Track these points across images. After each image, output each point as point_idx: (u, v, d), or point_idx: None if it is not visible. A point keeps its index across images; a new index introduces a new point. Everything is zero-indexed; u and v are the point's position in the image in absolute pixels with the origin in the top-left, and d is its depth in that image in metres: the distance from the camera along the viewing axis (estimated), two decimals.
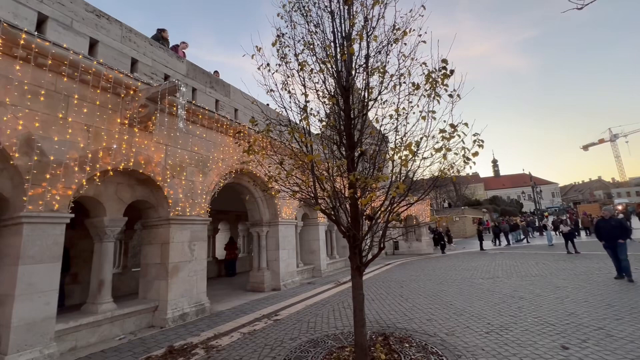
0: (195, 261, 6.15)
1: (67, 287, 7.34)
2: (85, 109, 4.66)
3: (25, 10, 4.24)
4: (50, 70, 4.30)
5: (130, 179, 5.59)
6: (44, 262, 4.10)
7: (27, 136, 4.05)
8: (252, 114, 8.18)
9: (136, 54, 5.62)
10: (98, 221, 5.24)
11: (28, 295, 3.92)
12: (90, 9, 5.02)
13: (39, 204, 4.09)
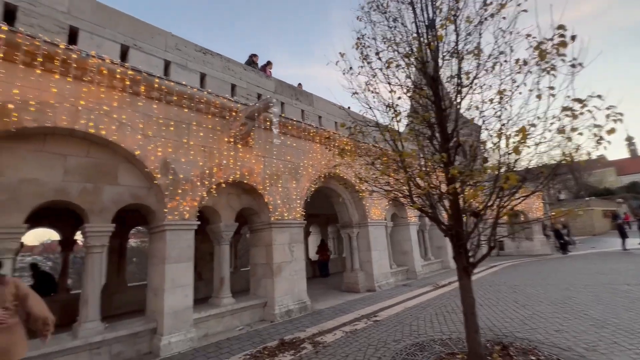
0: (295, 262, 6.63)
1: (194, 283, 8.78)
2: (202, 133, 5.55)
3: (155, 59, 5.31)
4: (175, 104, 5.28)
5: (238, 189, 6.38)
6: (182, 261, 5.01)
7: (164, 160, 5.04)
8: (335, 119, 8.44)
9: (234, 79, 6.43)
10: (216, 227, 6.14)
11: (173, 288, 4.85)
12: (199, 48, 5.97)
13: (175, 214, 5.03)
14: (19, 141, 4.08)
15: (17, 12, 4.03)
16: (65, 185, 4.39)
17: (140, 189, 5.08)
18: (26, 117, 3.90)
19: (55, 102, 4.12)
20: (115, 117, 4.62)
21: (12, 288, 2.56)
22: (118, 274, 8.24)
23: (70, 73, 4.22)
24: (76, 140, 4.52)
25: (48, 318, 2.67)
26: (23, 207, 4.03)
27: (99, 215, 4.63)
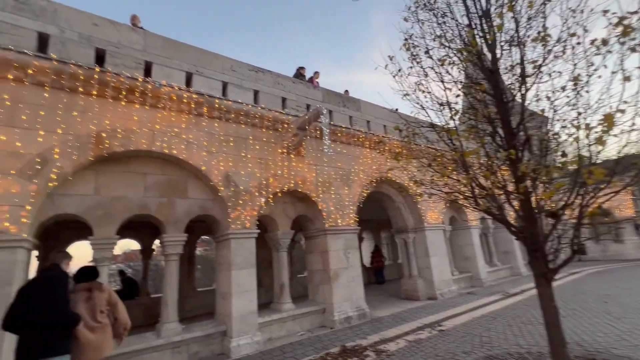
0: (351, 268, 6.63)
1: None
2: (257, 146, 5.90)
3: (215, 82, 5.80)
4: (233, 121, 5.70)
5: (292, 197, 6.62)
6: (246, 268, 5.33)
7: (226, 173, 5.45)
8: (384, 123, 8.33)
9: (284, 93, 6.74)
10: (274, 235, 6.42)
11: (239, 293, 5.17)
12: (251, 68, 6.39)
13: (237, 223, 5.39)
14: (110, 164, 4.75)
15: (105, 55, 4.75)
16: (146, 201, 4.99)
17: (207, 201, 5.54)
18: (115, 143, 4.54)
19: (136, 128, 4.73)
20: (183, 137, 5.14)
21: (107, 295, 3.02)
22: (188, 279, 9.02)
23: (147, 102, 4.82)
24: (153, 160, 5.12)
25: (128, 324, 3.13)
26: (115, 220, 4.67)
27: (174, 226, 5.15)
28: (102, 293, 2.99)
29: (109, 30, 4.84)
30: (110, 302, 3.03)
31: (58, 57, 4.20)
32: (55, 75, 4.17)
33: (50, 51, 4.28)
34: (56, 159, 4.11)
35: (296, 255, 14.76)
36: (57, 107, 4.21)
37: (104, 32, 4.80)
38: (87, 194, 4.57)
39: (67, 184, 4.37)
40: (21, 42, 4.12)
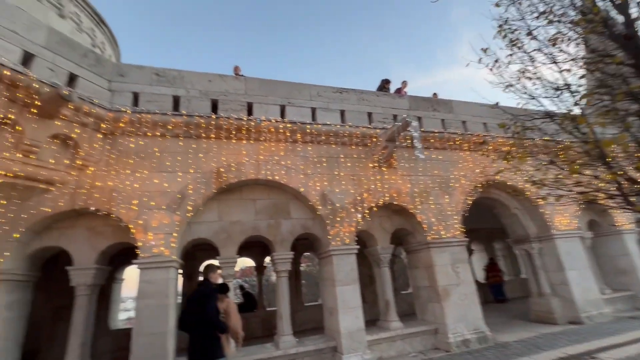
0: (463, 284, 5.99)
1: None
2: (349, 163, 6.06)
3: (304, 109, 6.27)
4: (324, 143, 6.02)
5: (388, 211, 6.48)
6: (349, 283, 5.40)
7: (322, 193, 5.74)
8: (483, 120, 7.52)
9: (369, 107, 6.80)
10: (373, 250, 6.37)
11: (345, 309, 5.25)
12: (335, 90, 6.69)
13: (337, 240, 5.56)
14: (228, 194, 5.57)
15: (218, 103, 5.71)
16: (257, 223, 5.63)
17: (307, 220, 5.91)
18: (230, 176, 5.33)
19: (245, 161, 5.47)
20: (283, 163, 5.68)
21: (225, 305, 3.73)
22: (296, 294, 9.64)
23: (251, 137, 5.54)
24: (260, 187, 5.79)
25: (238, 333, 3.71)
26: (235, 242, 5.41)
27: (281, 244, 5.65)
28: (222, 303, 3.71)
29: (219, 83, 5.83)
30: (226, 311, 3.70)
31: (187, 112, 5.25)
32: (185, 127, 5.22)
33: (181, 109, 5.39)
34: (191, 194, 5.07)
35: (398, 270, 14.20)
36: (188, 152, 5.23)
37: (216, 85, 5.79)
38: (213, 221, 5.45)
39: (199, 214, 5.30)
40: (162, 105, 5.33)
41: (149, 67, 5.52)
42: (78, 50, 4.90)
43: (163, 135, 5.16)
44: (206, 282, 3.72)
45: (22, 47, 4.23)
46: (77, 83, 4.75)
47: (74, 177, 4.60)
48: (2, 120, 3.91)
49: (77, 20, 7.52)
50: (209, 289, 3.59)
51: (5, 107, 3.89)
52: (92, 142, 4.70)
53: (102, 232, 4.93)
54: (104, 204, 4.66)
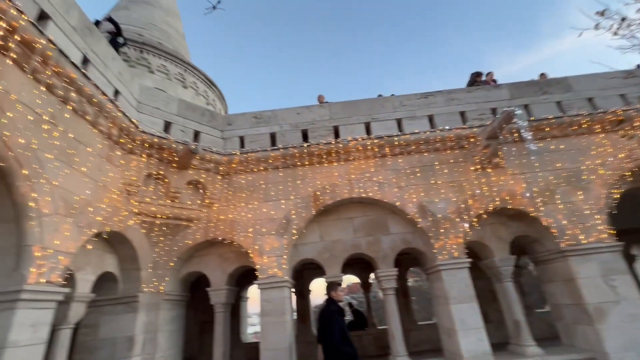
0: (624, 302, 4.68)
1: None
2: (445, 170, 5.63)
3: (389, 122, 6.19)
4: (415, 152, 5.78)
5: (502, 217, 5.68)
6: (465, 301, 4.88)
7: (420, 204, 5.46)
8: (619, 92, 6.01)
9: (460, 106, 6.24)
10: (489, 262, 5.62)
11: (464, 330, 4.73)
12: (419, 96, 6.41)
13: (444, 253, 5.14)
14: (326, 215, 5.85)
15: (308, 132, 6.16)
16: (357, 241, 5.70)
17: (408, 234, 5.68)
18: (326, 198, 5.61)
19: (338, 182, 5.69)
20: (374, 179, 5.67)
21: None
22: (407, 312, 9.16)
23: (341, 158, 5.75)
24: (355, 205, 5.89)
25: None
26: (338, 260, 5.58)
27: (384, 261, 5.55)
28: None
29: (306, 114, 6.32)
30: None
31: (282, 146, 5.84)
32: (282, 158, 5.79)
33: (277, 143, 6.03)
34: (294, 218, 5.53)
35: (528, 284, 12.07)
36: (287, 180, 5.76)
37: (304, 116, 6.30)
38: (316, 241, 5.77)
39: (303, 236, 5.71)
40: (262, 143, 6.07)
41: (249, 113, 6.41)
42: (198, 111, 6.09)
43: (266, 169, 5.84)
44: (330, 300, 3.92)
45: (163, 118, 5.51)
46: (200, 137, 5.88)
47: (205, 213, 5.60)
48: (156, 175, 5.13)
49: (195, 87, 9.38)
50: (332, 309, 3.79)
51: (157, 165, 5.10)
52: (214, 184, 5.67)
53: (228, 257, 5.80)
54: (228, 234, 5.50)
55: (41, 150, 3.32)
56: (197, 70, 9.60)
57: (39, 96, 3.33)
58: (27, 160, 3.14)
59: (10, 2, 2.82)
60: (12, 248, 3.13)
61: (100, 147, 4.27)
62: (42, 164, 3.31)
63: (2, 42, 2.88)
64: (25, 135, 3.13)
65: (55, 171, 3.48)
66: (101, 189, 4.23)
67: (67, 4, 3.79)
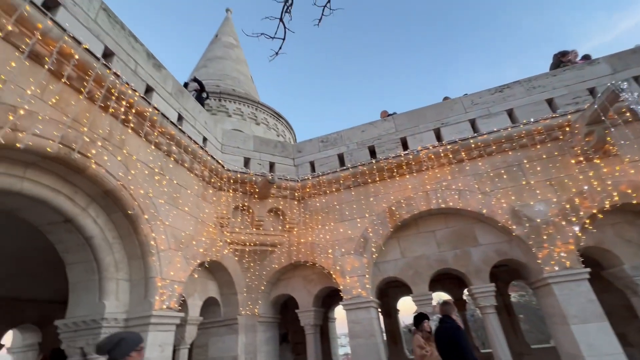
0: None
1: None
2: (538, 167, 4.94)
3: (461, 124, 5.77)
4: (496, 152, 5.23)
5: (625, 214, 4.66)
6: (590, 320, 4.06)
7: (511, 209, 4.86)
8: None
9: (546, 93, 5.48)
10: (618, 271, 4.61)
11: (594, 357, 3.91)
12: (492, 91, 5.85)
13: (551, 264, 4.42)
14: (404, 230, 5.63)
15: (374, 147, 6.14)
16: (442, 255, 5.32)
17: (501, 244, 5.07)
18: (402, 212, 5.42)
19: (412, 195, 5.47)
20: (453, 187, 5.29)
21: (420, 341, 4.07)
22: (514, 333, 7.99)
23: (413, 169, 5.55)
24: (435, 217, 5.55)
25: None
26: (424, 277, 5.27)
27: (476, 276, 5.02)
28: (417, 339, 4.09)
29: (371, 130, 6.34)
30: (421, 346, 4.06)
31: (351, 165, 5.93)
32: (352, 177, 5.86)
33: (346, 163, 6.14)
34: (371, 236, 5.46)
35: None
36: (360, 198, 5.78)
37: (369, 133, 6.32)
38: (397, 258, 5.57)
39: (383, 253, 5.58)
40: (331, 165, 6.25)
41: (315, 138, 6.73)
42: (270, 144, 6.64)
43: (337, 189, 5.97)
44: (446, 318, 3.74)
45: (242, 155, 6.16)
46: (275, 167, 6.37)
47: (287, 238, 5.95)
48: (242, 207, 5.70)
49: (266, 122, 10.30)
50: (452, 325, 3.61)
51: (242, 198, 5.67)
52: (292, 209, 6.02)
53: (312, 279, 5.99)
54: (309, 256, 5.71)
55: (155, 197, 4.02)
56: (266, 107, 10.55)
57: (151, 153, 4.09)
58: (147, 206, 3.84)
59: (128, 85, 3.60)
60: (142, 280, 3.80)
61: (196, 188, 4.97)
62: (157, 208, 4.00)
63: (124, 117, 3.66)
64: (144, 187, 3.85)
65: (166, 213, 4.16)
66: (200, 224, 4.89)
67: (165, 76, 4.65)
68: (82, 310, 3.51)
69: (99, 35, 3.54)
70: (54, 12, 3.02)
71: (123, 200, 3.59)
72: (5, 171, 2.83)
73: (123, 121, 3.69)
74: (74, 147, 3.00)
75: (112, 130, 3.57)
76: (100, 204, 3.63)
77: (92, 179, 3.32)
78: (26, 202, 3.17)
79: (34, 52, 2.76)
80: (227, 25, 14.22)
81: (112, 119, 3.58)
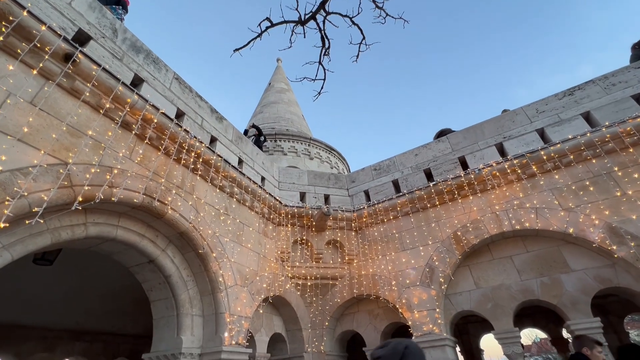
0: None
1: None
2: (635, 173, 4.17)
3: (527, 135, 5.25)
4: (576, 162, 4.59)
5: None
6: None
7: (607, 226, 4.12)
8: None
9: (632, 90, 4.74)
10: None
11: None
12: (561, 94, 5.27)
13: None
14: (475, 256, 5.11)
15: (430, 170, 5.88)
16: (526, 284, 4.64)
17: (602, 269, 4.26)
18: (470, 237, 4.97)
19: (480, 217, 5.01)
20: (527, 205, 4.73)
21: None
22: None
23: (477, 190, 5.13)
24: (510, 240, 4.95)
25: None
26: (506, 311, 4.61)
27: (574, 308, 4.24)
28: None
29: (424, 153, 6.13)
30: None
31: (407, 190, 5.74)
32: (410, 203, 5.63)
33: (401, 189, 5.97)
34: (437, 265, 5.07)
35: None
36: (420, 225, 5.48)
37: (423, 156, 6.12)
38: (470, 289, 5.01)
39: (453, 284, 5.10)
40: (386, 192, 6.12)
41: (368, 167, 6.73)
42: (324, 177, 6.82)
43: (395, 217, 5.77)
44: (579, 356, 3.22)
45: (298, 190, 6.41)
46: (330, 200, 6.46)
47: (347, 270, 5.84)
48: (301, 241, 5.82)
49: (319, 157, 10.69)
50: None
51: (300, 232, 5.82)
52: (350, 240, 5.95)
53: (377, 314, 5.68)
54: (371, 289, 5.48)
55: (221, 235, 4.37)
56: (318, 142, 11.01)
57: (216, 196, 4.53)
58: (214, 245, 4.18)
59: (196, 138, 4.13)
60: (213, 315, 4.05)
61: (257, 225, 5.27)
62: (223, 246, 4.33)
63: (193, 166, 4.17)
64: (211, 227, 4.23)
65: (231, 250, 4.46)
66: (262, 259, 5.10)
67: (226, 126, 5.23)
68: (164, 345, 3.83)
69: (173, 100, 4.19)
70: (139, 88, 3.69)
71: (194, 240, 3.97)
72: (105, 221, 3.39)
73: (192, 170, 4.19)
74: (154, 197, 3.49)
75: (184, 179, 4.07)
76: (176, 244, 4.06)
77: (169, 222, 3.76)
78: (120, 246, 3.71)
79: (125, 121, 3.38)
80: (279, 72, 15.64)
81: (184, 169, 4.10)
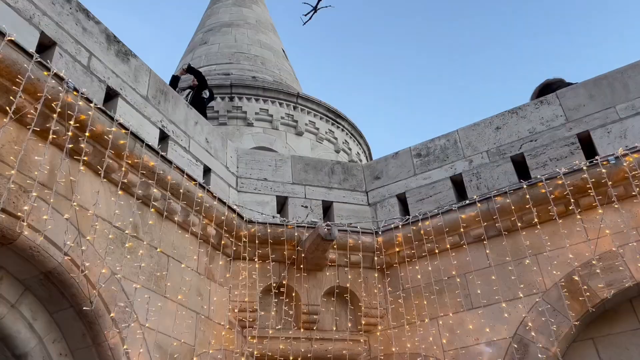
0: None
1: None
2: None
3: None
4: None
5: None
6: None
7: None
8: None
9: None
10: None
11: None
12: None
13: None
14: (606, 322, 5.01)
15: (526, 157, 5.72)
16: None
17: None
18: (597, 285, 4.81)
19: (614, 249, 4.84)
20: None
21: None
22: None
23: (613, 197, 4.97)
24: None
25: None
26: None
27: None
28: None
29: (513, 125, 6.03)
30: None
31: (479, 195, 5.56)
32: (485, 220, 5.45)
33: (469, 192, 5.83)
34: (533, 336, 4.91)
35: None
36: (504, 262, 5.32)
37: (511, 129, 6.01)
38: None
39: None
40: (442, 198, 6.02)
41: (404, 151, 6.55)
42: (323, 169, 6.60)
43: (457, 244, 5.60)
44: None
45: (274, 193, 6.24)
46: (332, 210, 6.27)
47: (364, 344, 5.66)
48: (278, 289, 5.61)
49: (313, 130, 10.46)
50: None
51: (277, 272, 5.61)
52: (370, 288, 5.77)
53: None
54: None
55: (127, 278, 4.13)
56: (313, 103, 10.63)
57: (117, 203, 4.23)
58: (113, 296, 3.91)
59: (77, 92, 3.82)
60: None
61: (196, 259, 5.05)
62: (130, 299, 4.06)
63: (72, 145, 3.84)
64: (108, 262, 3.95)
65: (145, 307, 4.23)
66: (205, 324, 4.90)
67: (136, 69, 4.95)
68: None
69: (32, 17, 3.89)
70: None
71: (73, 287, 3.70)
72: None
73: (71, 153, 3.90)
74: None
75: (55, 169, 3.77)
76: (39, 295, 3.80)
77: (25, 252, 3.47)
78: None
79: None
80: None
81: (55, 149, 3.79)
